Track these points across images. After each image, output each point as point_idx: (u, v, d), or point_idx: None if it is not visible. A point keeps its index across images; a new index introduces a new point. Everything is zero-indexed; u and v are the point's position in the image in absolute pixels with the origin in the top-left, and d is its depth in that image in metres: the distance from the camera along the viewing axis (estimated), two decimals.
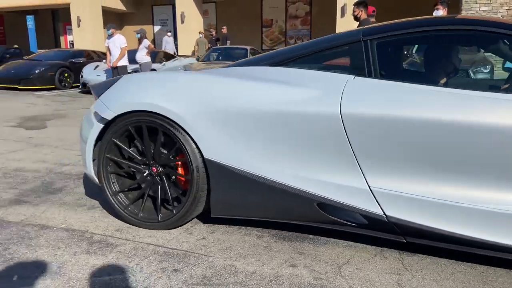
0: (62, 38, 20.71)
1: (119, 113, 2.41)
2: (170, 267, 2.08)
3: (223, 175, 2.27)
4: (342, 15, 13.32)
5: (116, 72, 9.25)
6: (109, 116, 2.45)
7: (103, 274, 2.01)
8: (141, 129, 2.43)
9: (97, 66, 10.85)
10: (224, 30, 14.32)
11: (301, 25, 17.37)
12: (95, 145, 2.55)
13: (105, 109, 2.47)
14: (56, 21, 20.88)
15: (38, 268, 2.07)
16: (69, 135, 5.48)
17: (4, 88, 11.35)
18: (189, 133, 2.28)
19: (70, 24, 17.42)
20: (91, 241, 2.38)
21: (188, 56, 13.88)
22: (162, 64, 11.58)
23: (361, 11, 6.10)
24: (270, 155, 2.20)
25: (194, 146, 2.29)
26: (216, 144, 2.26)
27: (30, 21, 17.16)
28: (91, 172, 2.62)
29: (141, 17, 19.44)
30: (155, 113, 2.33)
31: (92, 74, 10.62)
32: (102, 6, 17.38)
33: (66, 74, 11.74)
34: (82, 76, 10.78)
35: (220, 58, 11.74)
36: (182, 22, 16.03)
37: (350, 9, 8.30)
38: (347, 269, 2.04)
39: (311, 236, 2.41)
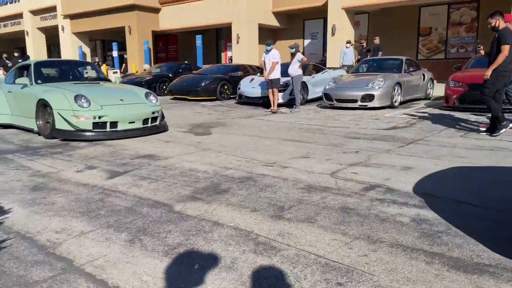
0: (222, 54, 23.05)
1: None
2: (334, 279, 2.07)
3: None
4: None
5: (271, 84, 9.83)
6: None
7: (270, 275, 2.13)
8: None
9: (252, 79, 11.71)
10: (377, 40, 13.87)
11: (466, 32, 15.65)
12: None
13: None
14: (219, 39, 23.37)
15: (214, 260, 2.30)
16: (230, 142, 6.01)
17: (177, 98, 13.17)
18: None
19: (231, 41, 19.27)
20: (256, 241, 2.54)
21: (337, 68, 13.88)
22: (311, 76, 11.84)
23: (497, 19, 5.85)
24: None
25: None
26: None
27: (199, 40, 19.62)
28: None
29: (292, 32, 20.28)
30: None
31: (248, 86, 11.53)
32: (259, 24, 18.75)
33: (225, 87, 13.00)
34: (239, 88, 11.79)
35: (370, 69, 11.43)
36: (333, 34, 16.13)
37: None
38: None
39: (491, 269, 2.11)
